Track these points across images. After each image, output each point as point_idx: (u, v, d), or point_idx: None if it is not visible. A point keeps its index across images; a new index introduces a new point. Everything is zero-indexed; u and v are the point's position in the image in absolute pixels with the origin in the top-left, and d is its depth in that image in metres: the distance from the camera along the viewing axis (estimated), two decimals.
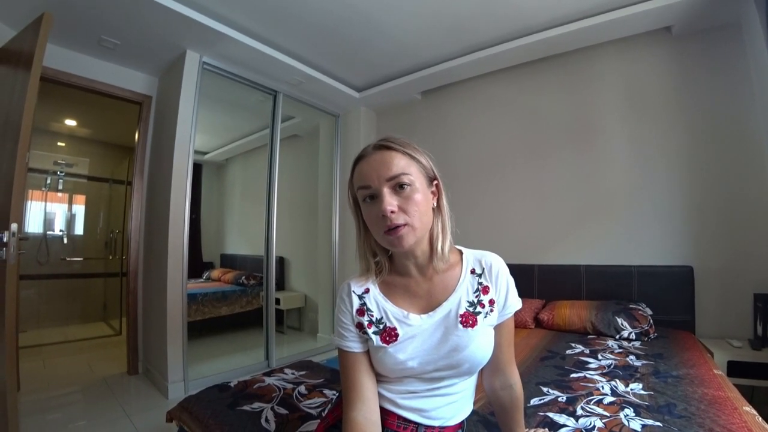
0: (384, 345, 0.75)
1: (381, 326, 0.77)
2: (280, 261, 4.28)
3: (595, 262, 2.52)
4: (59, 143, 4.33)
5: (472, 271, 0.81)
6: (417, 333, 0.76)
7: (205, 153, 4.83)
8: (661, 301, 2.24)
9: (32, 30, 1.89)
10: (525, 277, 2.74)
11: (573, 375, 1.49)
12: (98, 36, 2.41)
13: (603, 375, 1.47)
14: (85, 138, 4.49)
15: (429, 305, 0.79)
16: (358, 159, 0.77)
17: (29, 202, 4.09)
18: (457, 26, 2.53)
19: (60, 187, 4.26)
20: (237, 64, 2.84)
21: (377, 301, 0.80)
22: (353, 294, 0.81)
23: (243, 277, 4.11)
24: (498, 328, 0.80)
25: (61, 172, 4.24)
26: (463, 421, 0.84)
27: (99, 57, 2.66)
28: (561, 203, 2.72)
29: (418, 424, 0.77)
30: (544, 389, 1.35)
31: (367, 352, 0.79)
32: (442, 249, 0.78)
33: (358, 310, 0.80)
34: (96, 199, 4.63)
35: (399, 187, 0.71)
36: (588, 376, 1.47)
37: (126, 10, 2.18)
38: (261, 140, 3.76)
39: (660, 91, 2.41)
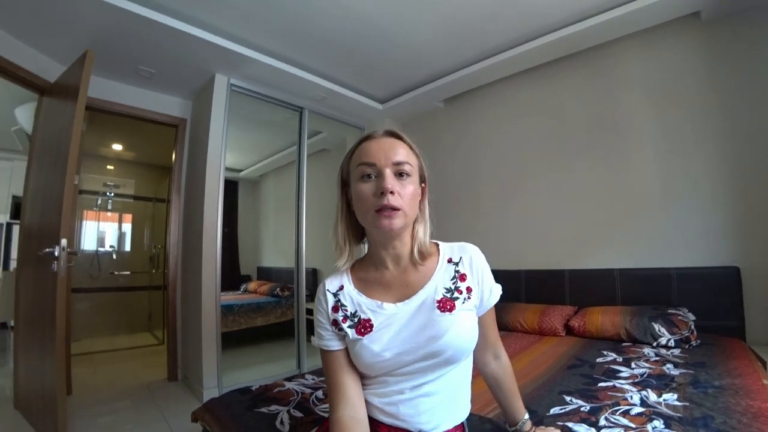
0: (359, 337, 0.75)
1: (355, 319, 0.78)
2: (313, 272, 4.36)
3: (629, 265, 2.39)
4: (108, 166, 4.71)
5: (449, 260, 0.82)
6: (392, 321, 0.76)
7: (240, 170, 5.05)
8: (705, 306, 2.08)
9: (78, 66, 2.09)
10: (556, 283, 2.64)
11: (601, 384, 1.41)
12: (136, 67, 2.63)
13: (634, 384, 1.38)
14: (130, 161, 4.85)
15: (405, 294, 0.79)
16: (365, 138, 0.80)
17: (84, 221, 4.45)
18: (472, 31, 2.52)
19: (109, 206, 4.62)
20: (263, 84, 2.98)
21: (351, 296, 0.81)
22: (328, 292, 0.83)
23: (278, 289, 4.22)
24: (484, 315, 0.83)
25: (109, 192, 4.60)
26: (462, 423, 0.82)
27: (138, 85, 2.90)
28: (592, 205, 2.60)
29: None
30: (567, 398, 1.29)
31: (347, 350, 0.79)
32: (421, 247, 0.80)
33: (333, 308, 0.81)
34: (141, 217, 4.96)
35: (400, 174, 0.74)
36: (617, 385, 1.39)
37: (159, 41, 2.37)
38: (291, 156, 3.88)
39: (691, 81, 2.27)
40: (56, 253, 1.91)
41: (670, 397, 1.24)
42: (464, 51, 2.76)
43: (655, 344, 1.89)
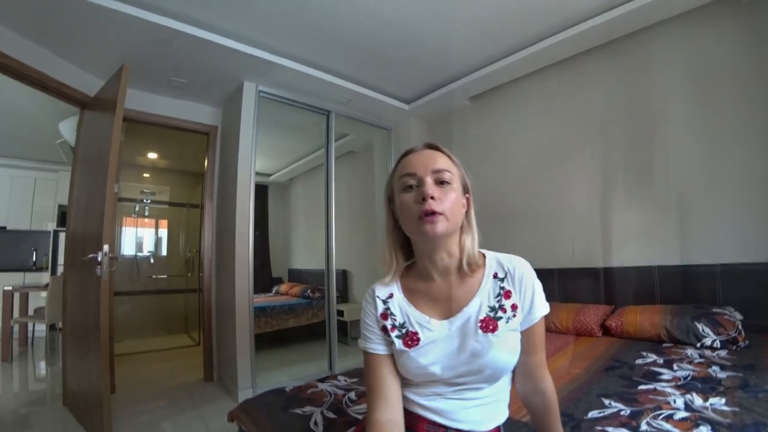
0: (406, 349, 0.77)
1: (403, 330, 0.79)
2: (343, 274, 4.40)
3: (669, 262, 2.28)
4: (144, 174, 4.92)
5: (495, 276, 0.80)
6: (438, 338, 0.77)
7: (270, 175, 5.17)
8: (754, 305, 1.95)
9: (115, 80, 2.19)
10: (591, 281, 2.56)
11: (641, 387, 1.36)
12: (168, 78, 2.74)
13: (677, 387, 1.32)
14: (165, 168, 5.05)
15: (450, 310, 0.79)
16: (407, 153, 0.83)
17: (123, 227, 4.66)
18: (497, 26, 2.47)
19: (146, 213, 4.82)
20: (289, 89, 3.03)
21: (400, 306, 0.82)
22: (377, 299, 0.84)
23: (308, 291, 4.29)
24: (526, 333, 0.79)
25: (146, 199, 4.81)
26: (499, 427, 0.81)
27: (170, 96, 3.02)
28: (627, 200, 2.51)
29: (447, 428, 0.76)
30: (606, 402, 1.25)
31: (392, 355, 0.80)
32: (469, 260, 0.79)
33: (382, 314, 0.82)
34: (177, 223, 5.16)
35: (440, 182, 0.76)
36: (659, 388, 1.33)
37: (189, 52, 2.46)
38: (319, 159, 3.95)
39: (731, 66, 2.13)
40: (99, 258, 2.01)
41: (718, 402, 1.18)
42: (490, 47, 2.72)
43: (698, 345, 1.80)
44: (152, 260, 4.83)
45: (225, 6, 2.19)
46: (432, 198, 0.73)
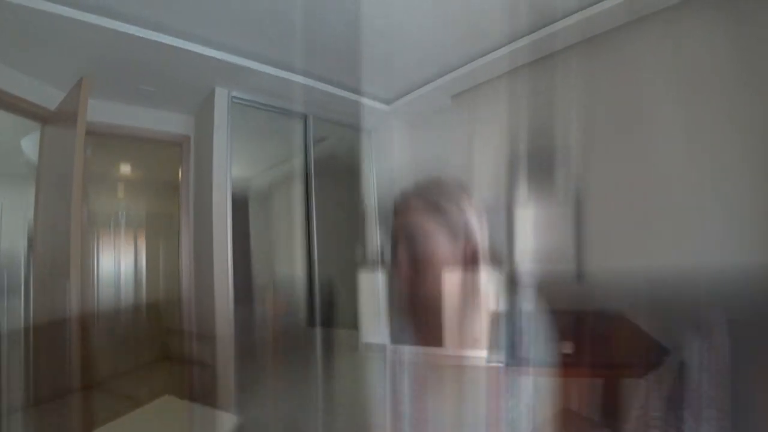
0: None
1: None
2: (328, 284, 4.27)
3: (654, 268, 2.23)
4: (118, 188, 4.70)
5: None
6: None
7: (248, 182, 5.01)
8: (742, 313, 1.91)
9: (76, 92, 2.05)
10: None
11: None
12: (136, 86, 2.59)
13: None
14: (139, 180, 4.84)
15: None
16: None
17: (98, 245, 4.43)
18: (476, 24, 2.41)
19: (122, 228, 4.61)
20: (264, 94, 2.92)
21: None
22: None
23: (293, 309, 4.15)
24: None
25: (121, 214, 4.60)
26: None
27: (139, 104, 2.87)
28: (611, 203, 2.46)
29: None
30: None
31: None
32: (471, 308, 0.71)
33: None
34: (154, 237, 4.94)
35: (410, 244, 0.72)
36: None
37: (156, 59, 2.32)
38: (299, 164, 3.82)
39: (718, 61, 2.08)
40: (67, 288, 1.87)
41: None
42: (470, 44, 2.65)
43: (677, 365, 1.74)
44: (131, 276, 4.64)
45: (190, 9, 2.05)
46: (398, 269, 0.72)
